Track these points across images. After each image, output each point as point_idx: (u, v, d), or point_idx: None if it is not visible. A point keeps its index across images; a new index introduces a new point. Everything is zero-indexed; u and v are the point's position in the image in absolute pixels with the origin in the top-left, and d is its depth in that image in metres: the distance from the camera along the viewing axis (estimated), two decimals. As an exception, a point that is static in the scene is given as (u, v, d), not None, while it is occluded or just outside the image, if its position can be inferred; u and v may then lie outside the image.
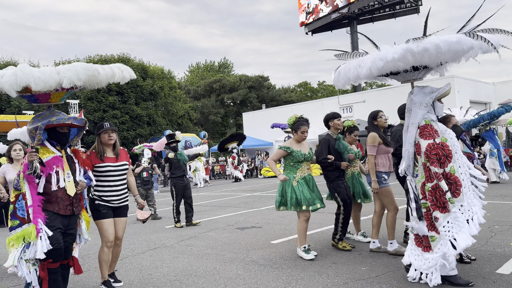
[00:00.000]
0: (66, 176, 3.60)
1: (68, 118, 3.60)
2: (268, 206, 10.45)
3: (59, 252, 3.49)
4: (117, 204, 4.27)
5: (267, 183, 19.17)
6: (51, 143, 3.69)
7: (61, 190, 3.57)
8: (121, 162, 4.32)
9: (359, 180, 5.75)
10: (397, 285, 3.85)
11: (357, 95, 26.70)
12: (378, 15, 39.38)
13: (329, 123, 5.55)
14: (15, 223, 3.47)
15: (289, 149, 5.10)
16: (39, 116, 3.64)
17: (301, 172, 5.10)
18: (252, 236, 6.69)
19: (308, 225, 5.13)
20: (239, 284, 4.25)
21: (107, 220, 4.20)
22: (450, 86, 3.96)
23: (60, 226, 3.54)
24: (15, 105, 26.18)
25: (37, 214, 3.41)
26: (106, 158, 4.22)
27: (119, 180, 4.29)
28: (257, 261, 5.11)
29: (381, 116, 5.20)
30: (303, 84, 57.26)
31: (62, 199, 3.58)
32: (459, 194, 3.71)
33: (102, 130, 4.25)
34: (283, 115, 29.39)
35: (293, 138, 5.28)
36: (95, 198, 4.20)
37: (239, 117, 41.00)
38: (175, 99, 35.28)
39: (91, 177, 3.98)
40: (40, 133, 3.48)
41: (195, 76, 53.89)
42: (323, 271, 4.49)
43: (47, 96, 3.59)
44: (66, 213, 3.60)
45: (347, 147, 5.46)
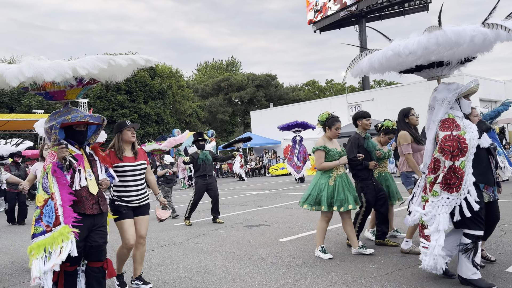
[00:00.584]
0: (88, 175, 3.45)
1: (84, 115, 3.44)
2: (276, 204, 10.48)
3: (78, 256, 3.28)
4: (137, 203, 4.18)
5: (275, 181, 19.19)
6: (69, 142, 3.54)
7: (84, 189, 3.39)
8: (140, 162, 4.23)
9: (385, 181, 5.62)
10: (405, 283, 3.85)
11: (366, 93, 26.58)
12: (387, 13, 39.15)
13: (357, 122, 5.42)
14: (38, 229, 3.23)
15: (325, 148, 4.98)
16: (56, 113, 3.52)
17: (336, 171, 4.99)
18: (261, 234, 6.72)
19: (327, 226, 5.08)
20: (248, 281, 4.29)
21: (127, 221, 4.08)
22: (478, 83, 3.81)
23: (83, 230, 3.32)
24: (26, 104, 26.47)
25: (69, 213, 3.21)
26: (124, 157, 4.14)
27: (138, 179, 4.20)
28: (265, 258, 5.13)
29: (413, 114, 5.06)
30: (311, 82, 57.17)
31: (87, 198, 3.41)
32: (459, 190, 3.59)
33: (126, 127, 4.17)
34: (291, 113, 29.40)
35: (325, 136, 5.13)
36: (115, 199, 4.09)
37: (247, 115, 41.06)
38: (183, 98, 35.42)
39: (113, 175, 3.84)
40: (55, 133, 3.35)
41: (203, 75, 54.02)
42: (332, 269, 4.50)
43: (62, 93, 3.48)
44: (93, 212, 3.43)
45: (376, 146, 5.38)
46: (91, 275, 3.45)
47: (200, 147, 8.48)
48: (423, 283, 3.81)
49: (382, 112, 23.48)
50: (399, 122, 5.08)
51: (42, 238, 3.17)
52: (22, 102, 26.72)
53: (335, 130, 5.04)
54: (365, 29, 38.93)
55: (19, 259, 6.09)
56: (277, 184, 17.47)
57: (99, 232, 3.47)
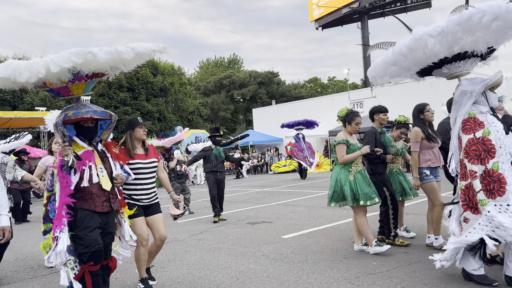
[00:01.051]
0: (99, 171, 3.33)
1: (86, 111, 3.31)
2: (278, 201, 10.50)
3: (99, 254, 3.24)
4: (147, 202, 4.08)
5: (277, 179, 19.21)
6: (80, 138, 3.44)
7: (95, 186, 3.28)
8: (151, 159, 4.15)
9: (397, 177, 5.51)
10: (407, 280, 3.87)
11: (368, 91, 26.52)
12: (389, 10, 38.98)
13: (374, 116, 5.39)
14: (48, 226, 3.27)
15: (347, 141, 4.96)
16: (67, 109, 3.39)
17: (356, 166, 4.95)
18: (263, 231, 6.74)
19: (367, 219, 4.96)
20: (251, 277, 4.31)
21: (138, 219, 3.99)
22: (502, 74, 3.70)
23: (98, 225, 3.27)
24: (28, 101, 26.54)
25: (59, 221, 3.11)
26: (135, 155, 4.07)
27: (149, 178, 4.10)
28: (268, 255, 5.16)
29: (428, 109, 4.97)
30: (313, 79, 57.08)
31: (98, 195, 3.30)
32: (503, 192, 3.35)
33: (138, 125, 4.11)
34: (293, 111, 29.38)
35: (345, 131, 5.11)
36: (125, 197, 3.98)
37: (249, 113, 41.03)
38: (185, 95, 35.44)
39: (129, 172, 3.70)
40: (60, 130, 3.25)
41: (205, 72, 54.01)
42: (334, 265, 4.52)
43: (66, 89, 3.36)
44: (103, 210, 3.32)
45: (391, 141, 5.36)
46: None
47: (216, 143, 8.29)
48: (425, 279, 3.83)
49: (384, 109, 23.44)
50: (413, 118, 5.01)
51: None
52: (24, 99, 26.79)
53: (355, 125, 5.02)
54: (368, 26, 38.81)
55: (23, 256, 6.14)
56: (279, 181, 17.49)
57: (107, 232, 3.42)
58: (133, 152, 4.06)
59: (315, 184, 14.43)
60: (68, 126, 3.36)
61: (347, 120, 5.07)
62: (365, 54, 38.66)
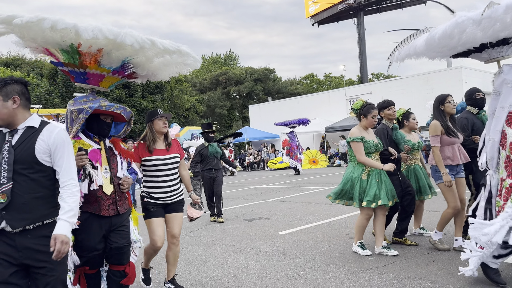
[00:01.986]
0: (104, 172, 3.09)
1: (119, 107, 3.13)
2: (275, 198, 10.52)
3: (96, 260, 3.06)
4: (167, 201, 3.80)
5: (274, 175, 19.23)
6: (87, 135, 3.19)
7: (100, 188, 3.06)
8: (172, 155, 3.83)
9: (416, 175, 5.16)
10: (404, 274, 3.89)
11: (364, 87, 26.58)
12: (385, 6, 39.01)
13: (380, 113, 5.03)
14: None
15: (363, 139, 4.57)
16: (81, 98, 3.16)
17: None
18: (260, 227, 6.76)
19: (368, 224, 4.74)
20: (248, 273, 4.32)
21: (155, 220, 3.72)
22: None
23: (99, 230, 3.04)
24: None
25: None
26: (155, 150, 3.76)
27: (169, 175, 3.80)
28: (265, 251, 5.17)
29: (449, 101, 4.54)
30: (309, 76, 57.10)
31: (103, 198, 3.06)
32: None
33: (157, 117, 3.80)
34: (289, 107, 29.39)
35: (360, 125, 4.71)
36: (144, 195, 3.77)
37: (245, 109, 41.02)
38: (181, 92, 35.36)
39: (136, 170, 3.45)
40: (84, 117, 3.02)
41: (201, 69, 53.90)
42: (331, 260, 4.54)
43: (100, 78, 3.17)
44: (109, 214, 3.08)
45: (405, 137, 5.02)
46: (112, 279, 3.17)
47: (209, 139, 7.89)
48: (421, 274, 3.86)
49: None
50: (433, 110, 4.62)
51: None
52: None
53: (371, 119, 4.63)
54: (363, 22, 38.83)
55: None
56: (276, 177, 17.52)
57: (119, 232, 3.14)
58: (153, 146, 3.76)
59: (312, 181, 14.46)
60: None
61: (362, 113, 4.69)
62: (361, 50, 38.70)
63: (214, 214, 7.88)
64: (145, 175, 3.79)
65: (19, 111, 2.40)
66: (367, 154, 4.57)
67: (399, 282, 3.70)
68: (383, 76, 53.53)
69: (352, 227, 6.16)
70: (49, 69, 30.61)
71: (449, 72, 21.93)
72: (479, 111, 4.73)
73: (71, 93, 26.47)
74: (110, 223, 3.10)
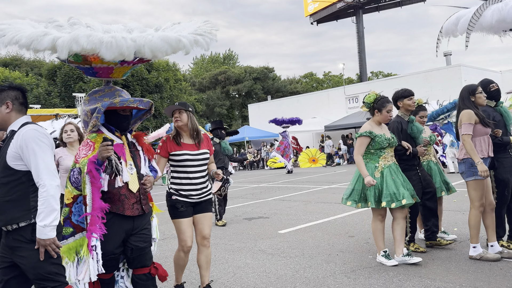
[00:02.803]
0: (129, 168, 2.92)
1: (134, 100, 2.93)
2: (274, 197, 10.51)
3: (112, 263, 2.91)
4: (197, 199, 3.56)
5: (274, 174, 19.23)
6: (109, 128, 3.02)
7: (124, 186, 2.89)
8: (202, 150, 3.58)
9: (435, 170, 4.91)
10: (403, 273, 3.89)
11: (363, 85, 26.57)
12: (384, 4, 38.98)
13: (398, 103, 4.62)
14: (67, 231, 2.79)
15: (371, 133, 4.22)
16: (96, 92, 3.03)
17: (384, 160, 4.25)
18: (260, 226, 6.76)
19: (384, 225, 4.32)
20: (248, 272, 4.32)
21: (184, 220, 3.51)
22: None
23: (120, 232, 2.88)
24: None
25: (94, 227, 2.73)
26: (183, 144, 3.53)
27: (199, 171, 3.56)
28: (265, 250, 5.17)
29: (480, 91, 4.23)
30: (309, 74, 57.07)
31: (127, 196, 2.89)
32: None
33: (173, 111, 3.58)
34: (288, 106, 29.38)
35: (373, 120, 4.37)
36: (172, 193, 3.52)
37: (245, 108, 41.01)
38: (181, 92, 35.33)
39: (156, 168, 3.27)
40: (98, 117, 2.85)
41: (200, 68, 53.86)
42: (331, 259, 4.54)
43: (109, 70, 3.00)
44: (133, 213, 2.91)
45: (422, 130, 4.64)
46: (139, 284, 2.98)
47: (221, 136, 7.44)
48: (421, 272, 3.86)
49: (379, 103, 23.51)
50: (463, 100, 4.26)
51: (72, 240, 2.79)
52: (18, 97, 26.59)
53: (386, 113, 4.27)
54: (362, 21, 38.80)
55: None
56: (275, 176, 17.51)
57: (141, 235, 2.98)
58: (180, 140, 3.54)
59: (311, 179, 14.45)
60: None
61: (376, 107, 4.31)
62: (360, 49, 38.69)
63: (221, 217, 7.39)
64: (173, 170, 3.56)
65: (12, 116, 2.51)
66: (379, 149, 4.25)
67: (399, 281, 3.70)
68: (382, 74, 53.54)
69: (352, 225, 6.16)
70: (48, 69, 30.59)
71: (448, 70, 21.93)
72: (497, 103, 4.45)
73: (70, 93, 26.46)
74: (132, 225, 2.93)
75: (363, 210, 7.28)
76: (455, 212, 6.35)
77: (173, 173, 3.56)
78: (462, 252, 4.36)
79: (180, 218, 3.50)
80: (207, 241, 3.64)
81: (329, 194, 10.01)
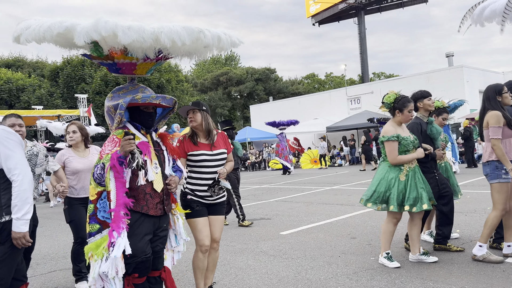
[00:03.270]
0: (154, 167, 2.88)
1: (156, 96, 2.86)
2: (276, 198, 10.51)
3: (146, 265, 2.81)
4: (212, 200, 3.47)
5: (275, 175, 19.22)
6: (135, 126, 2.98)
7: (149, 185, 2.84)
8: (219, 150, 3.47)
9: (450, 172, 4.87)
10: (405, 275, 3.88)
11: (365, 86, 26.55)
12: (386, 5, 39.02)
13: (418, 103, 4.54)
14: (94, 227, 2.72)
15: (399, 137, 4.11)
16: (120, 89, 3.00)
17: (409, 163, 4.16)
18: (262, 228, 6.75)
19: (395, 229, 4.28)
20: (250, 274, 4.32)
21: (201, 219, 3.41)
22: None
23: (148, 232, 2.84)
24: (24, 100, 26.44)
25: (116, 224, 2.65)
26: (200, 143, 3.44)
27: (216, 172, 3.44)
28: (267, 251, 5.17)
29: (506, 91, 4.12)
30: (311, 76, 57.07)
31: (151, 196, 2.85)
32: None
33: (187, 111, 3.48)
34: (290, 107, 29.38)
35: (394, 121, 4.24)
36: (187, 192, 3.44)
37: (246, 109, 41.04)
38: (182, 93, 35.42)
39: (181, 168, 3.21)
40: (121, 113, 2.78)
41: (202, 70, 53.92)
42: (333, 261, 4.53)
43: (132, 66, 2.94)
44: (156, 213, 2.88)
45: (441, 132, 4.58)
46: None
47: (232, 136, 7.22)
48: (423, 274, 3.85)
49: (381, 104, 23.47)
50: (489, 100, 4.11)
51: (99, 237, 2.72)
52: (21, 98, 26.69)
53: (408, 113, 4.15)
54: (364, 22, 38.81)
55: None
56: (277, 177, 17.51)
57: (160, 236, 2.99)
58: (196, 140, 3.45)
59: (313, 181, 14.45)
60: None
61: (397, 107, 4.18)
62: (362, 50, 38.66)
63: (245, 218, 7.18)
64: (190, 171, 3.47)
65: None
66: (404, 152, 4.14)
67: (401, 283, 3.69)
68: (384, 75, 53.49)
69: (354, 227, 6.15)
70: (51, 70, 30.68)
71: (450, 71, 21.90)
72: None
73: (72, 94, 26.52)
74: (158, 224, 2.92)
75: (365, 212, 7.27)
76: (458, 214, 6.33)
77: (190, 173, 3.48)
78: (465, 254, 4.35)
79: (196, 218, 3.42)
80: (217, 244, 3.59)
81: (331, 196, 10.00)
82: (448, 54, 25.74)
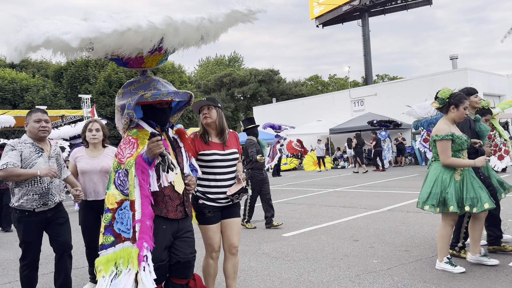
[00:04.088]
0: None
1: (168, 93, 2.62)
2: (279, 199, 10.49)
3: (162, 272, 2.62)
4: (225, 203, 3.26)
5: (278, 177, 19.20)
6: (149, 123, 2.76)
7: (168, 186, 2.65)
8: (231, 150, 3.30)
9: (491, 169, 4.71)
10: (408, 278, 3.87)
11: (369, 88, 26.49)
12: (390, 7, 38.92)
13: None
14: (108, 240, 2.49)
15: (453, 135, 3.89)
16: (131, 84, 2.74)
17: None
18: (264, 229, 6.74)
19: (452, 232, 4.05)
20: (252, 275, 4.31)
21: (212, 226, 3.23)
22: None
23: (166, 237, 2.64)
24: (28, 100, 26.56)
25: (145, 235, 2.42)
26: (211, 142, 3.27)
27: (228, 173, 3.26)
28: (269, 253, 5.16)
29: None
30: (314, 77, 57.02)
31: (171, 197, 2.66)
32: None
33: (201, 107, 3.28)
34: (293, 109, 29.37)
35: (447, 119, 4.04)
36: (199, 196, 3.24)
37: (250, 111, 41.03)
38: (186, 94, 35.44)
39: (196, 167, 3.01)
40: (129, 113, 2.58)
41: (205, 71, 54.01)
42: (335, 263, 4.52)
43: (140, 60, 2.68)
44: (176, 216, 2.69)
45: (489, 130, 4.47)
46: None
47: (256, 134, 6.97)
48: (426, 277, 3.83)
49: (384, 107, 23.44)
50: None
51: (112, 251, 2.48)
52: (25, 98, 26.81)
53: (463, 110, 3.93)
54: (368, 24, 38.74)
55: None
56: (280, 179, 17.49)
57: (185, 239, 2.77)
58: (208, 139, 3.28)
59: (316, 182, 14.42)
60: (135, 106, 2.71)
61: (453, 103, 3.96)
62: (366, 52, 38.62)
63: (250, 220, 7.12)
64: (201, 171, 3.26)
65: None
66: (457, 151, 3.93)
67: (404, 286, 3.68)
68: (388, 77, 53.40)
69: (356, 229, 6.13)
70: (55, 70, 30.79)
71: (454, 74, 21.82)
72: None
73: (76, 94, 26.61)
74: (177, 228, 2.71)
75: (367, 214, 7.25)
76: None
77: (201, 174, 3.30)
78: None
79: (208, 225, 3.23)
80: (235, 249, 3.35)
81: (334, 198, 9.98)
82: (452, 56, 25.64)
